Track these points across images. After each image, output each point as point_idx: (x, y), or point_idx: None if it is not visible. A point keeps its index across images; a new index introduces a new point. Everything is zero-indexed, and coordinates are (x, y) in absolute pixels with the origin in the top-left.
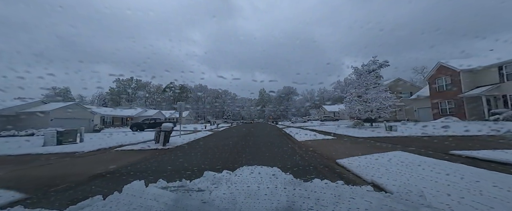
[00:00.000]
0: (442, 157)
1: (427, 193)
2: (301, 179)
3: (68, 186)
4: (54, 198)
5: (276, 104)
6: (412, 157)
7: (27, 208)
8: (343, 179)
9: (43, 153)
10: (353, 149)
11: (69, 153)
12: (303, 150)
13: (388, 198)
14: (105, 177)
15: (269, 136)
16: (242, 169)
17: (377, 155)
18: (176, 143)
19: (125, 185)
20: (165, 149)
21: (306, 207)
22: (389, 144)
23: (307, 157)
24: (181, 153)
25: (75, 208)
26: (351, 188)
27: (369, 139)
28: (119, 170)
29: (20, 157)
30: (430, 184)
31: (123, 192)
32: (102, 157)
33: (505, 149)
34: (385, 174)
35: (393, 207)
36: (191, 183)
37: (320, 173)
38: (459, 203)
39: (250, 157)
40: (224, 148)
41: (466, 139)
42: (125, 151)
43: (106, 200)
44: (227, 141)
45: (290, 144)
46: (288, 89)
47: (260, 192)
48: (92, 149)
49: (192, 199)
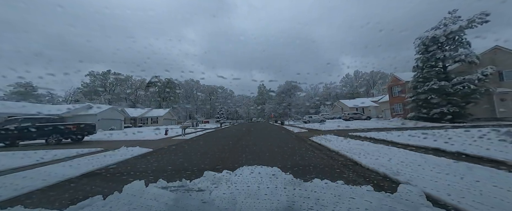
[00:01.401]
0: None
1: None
2: (301, 179)
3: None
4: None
5: (278, 101)
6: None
7: (27, 208)
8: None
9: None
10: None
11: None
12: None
13: (388, 198)
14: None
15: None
16: (242, 169)
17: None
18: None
19: (125, 185)
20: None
21: (306, 207)
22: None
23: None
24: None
25: (75, 208)
26: (351, 188)
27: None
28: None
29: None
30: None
31: (123, 192)
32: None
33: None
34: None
35: (393, 207)
36: (191, 183)
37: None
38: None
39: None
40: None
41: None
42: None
43: (106, 200)
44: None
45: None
46: (290, 85)
47: (260, 192)
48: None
49: (192, 199)
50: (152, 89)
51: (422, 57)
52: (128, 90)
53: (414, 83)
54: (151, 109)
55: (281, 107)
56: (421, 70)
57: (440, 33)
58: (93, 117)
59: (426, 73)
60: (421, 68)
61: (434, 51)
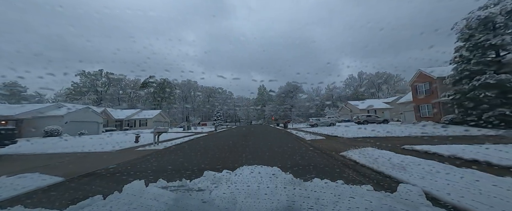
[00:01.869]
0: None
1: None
2: (301, 178)
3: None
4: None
5: (278, 103)
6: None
7: (27, 208)
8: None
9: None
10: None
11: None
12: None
13: (388, 197)
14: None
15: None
16: (242, 169)
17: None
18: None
19: (125, 185)
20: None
21: (306, 207)
22: None
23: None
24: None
25: (75, 208)
26: (351, 188)
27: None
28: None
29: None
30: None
31: (123, 192)
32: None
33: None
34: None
35: (393, 207)
36: (191, 183)
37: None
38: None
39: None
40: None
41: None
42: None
43: (106, 200)
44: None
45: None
46: (291, 86)
47: (260, 191)
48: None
49: (192, 198)
50: (147, 90)
51: (467, 45)
52: (122, 91)
53: (455, 78)
54: (140, 111)
55: (282, 108)
56: (467, 61)
57: (496, 11)
58: (58, 119)
59: (475, 64)
60: (467, 58)
61: (486, 35)
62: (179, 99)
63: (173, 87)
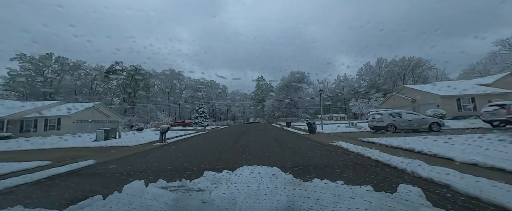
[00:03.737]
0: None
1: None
2: (301, 179)
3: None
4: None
5: (280, 99)
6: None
7: (27, 208)
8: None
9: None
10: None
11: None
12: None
13: (388, 198)
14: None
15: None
16: (242, 169)
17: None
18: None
19: (125, 185)
20: None
21: (306, 207)
22: None
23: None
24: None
25: (75, 208)
26: (351, 188)
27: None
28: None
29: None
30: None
31: (123, 192)
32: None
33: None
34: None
35: (393, 208)
36: (191, 183)
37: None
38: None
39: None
40: None
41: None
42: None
43: (106, 200)
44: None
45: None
46: (295, 76)
47: (260, 192)
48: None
49: (192, 199)
50: (116, 82)
51: None
52: (78, 81)
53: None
54: (60, 104)
55: (284, 104)
56: None
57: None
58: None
59: None
60: None
61: None
62: (159, 92)
63: (149, 77)
